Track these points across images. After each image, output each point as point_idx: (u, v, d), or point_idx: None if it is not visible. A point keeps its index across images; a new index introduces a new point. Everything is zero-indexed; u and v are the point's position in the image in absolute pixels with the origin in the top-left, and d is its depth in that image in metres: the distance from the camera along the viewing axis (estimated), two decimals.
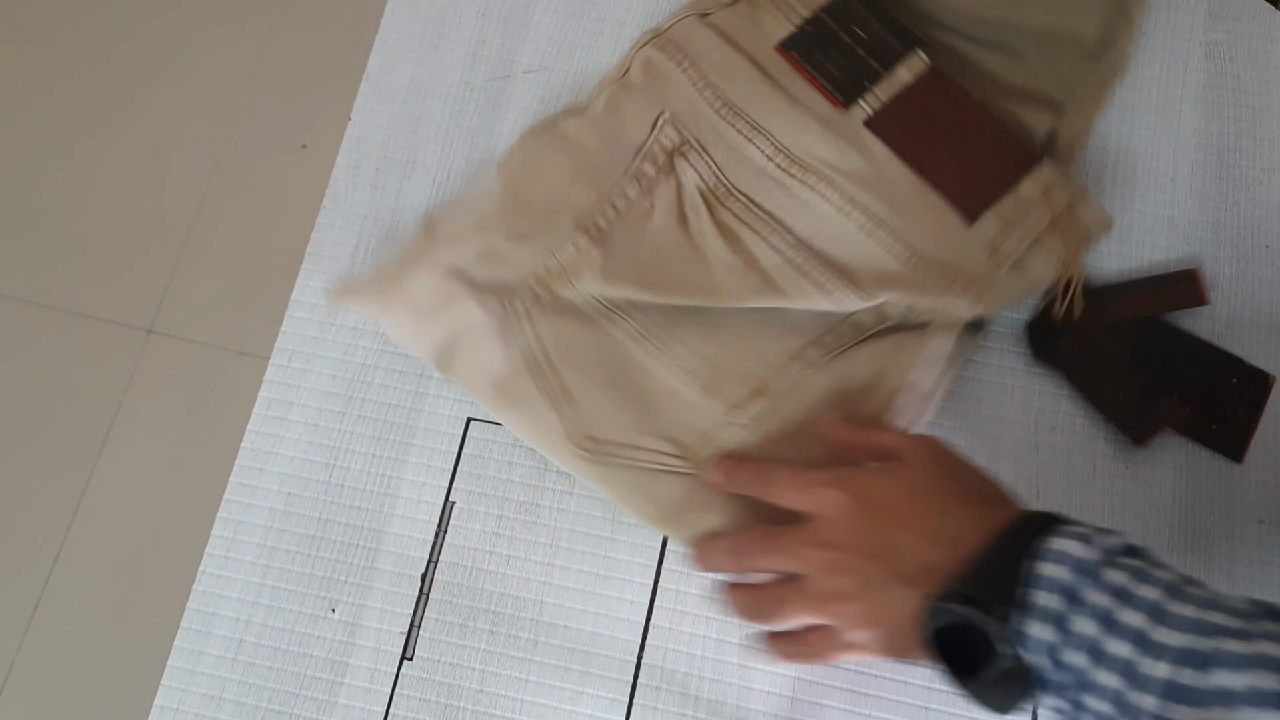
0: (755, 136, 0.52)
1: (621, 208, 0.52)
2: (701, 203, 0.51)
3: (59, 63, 1.35)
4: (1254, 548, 0.49)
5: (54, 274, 1.26)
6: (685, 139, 0.52)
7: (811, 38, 0.53)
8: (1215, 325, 0.52)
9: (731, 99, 0.53)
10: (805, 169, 0.51)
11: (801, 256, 0.50)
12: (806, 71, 0.52)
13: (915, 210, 0.50)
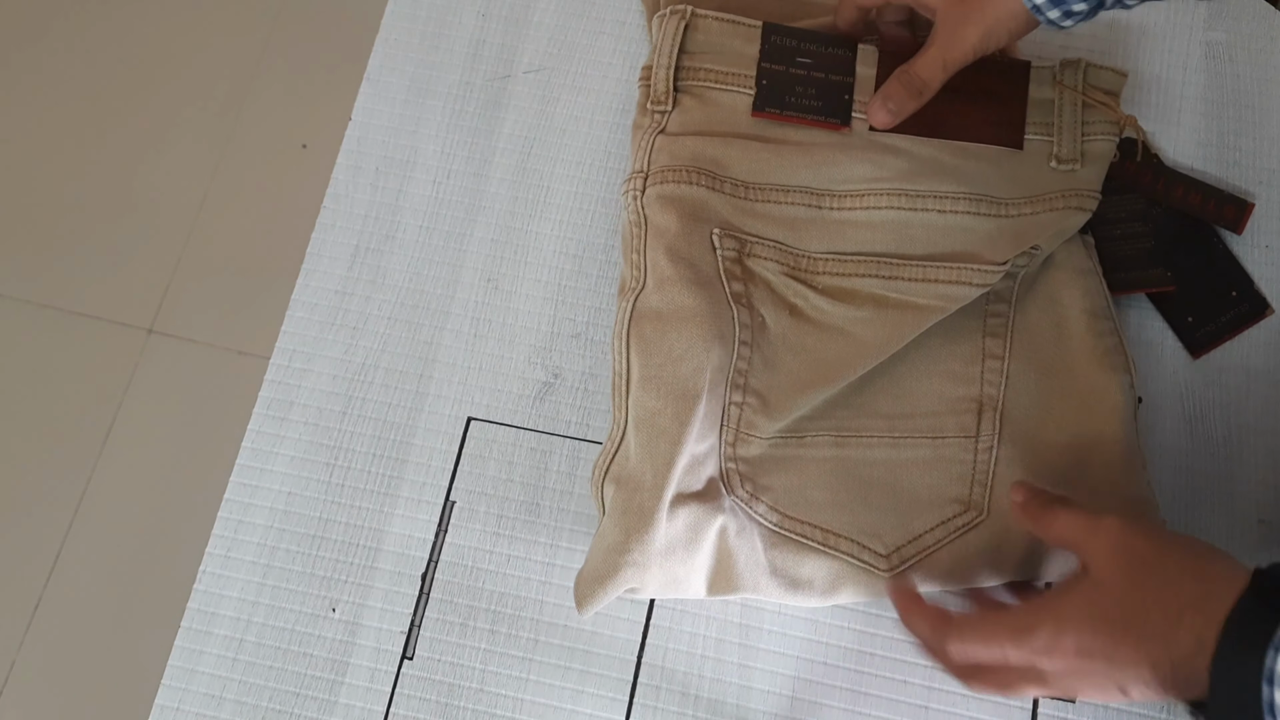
0: (794, 196, 0.51)
1: (746, 339, 0.49)
2: (798, 284, 0.50)
3: (59, 62, 1.35)
4: (1254, 547, 0.49)
5: (54, 274, 1.26)
6: (742, 240, 0.50)
7: (772, 89, 0.52)
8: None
9: (750, 180, 0.51)
10: (857, 196, 0.51)
11: (916, 270, 0.49)
12: (792, 118, 0.52)
13: (971, 169, 0.51)
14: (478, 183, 0.57)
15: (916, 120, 0.51)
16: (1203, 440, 0.51)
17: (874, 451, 0.48)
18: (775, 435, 0.48)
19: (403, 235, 0.56)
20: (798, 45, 0.52)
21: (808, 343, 0.49)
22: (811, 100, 0.52)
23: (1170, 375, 0.52)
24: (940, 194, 0.50)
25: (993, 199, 0.50)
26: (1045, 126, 0.52)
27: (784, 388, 0.48)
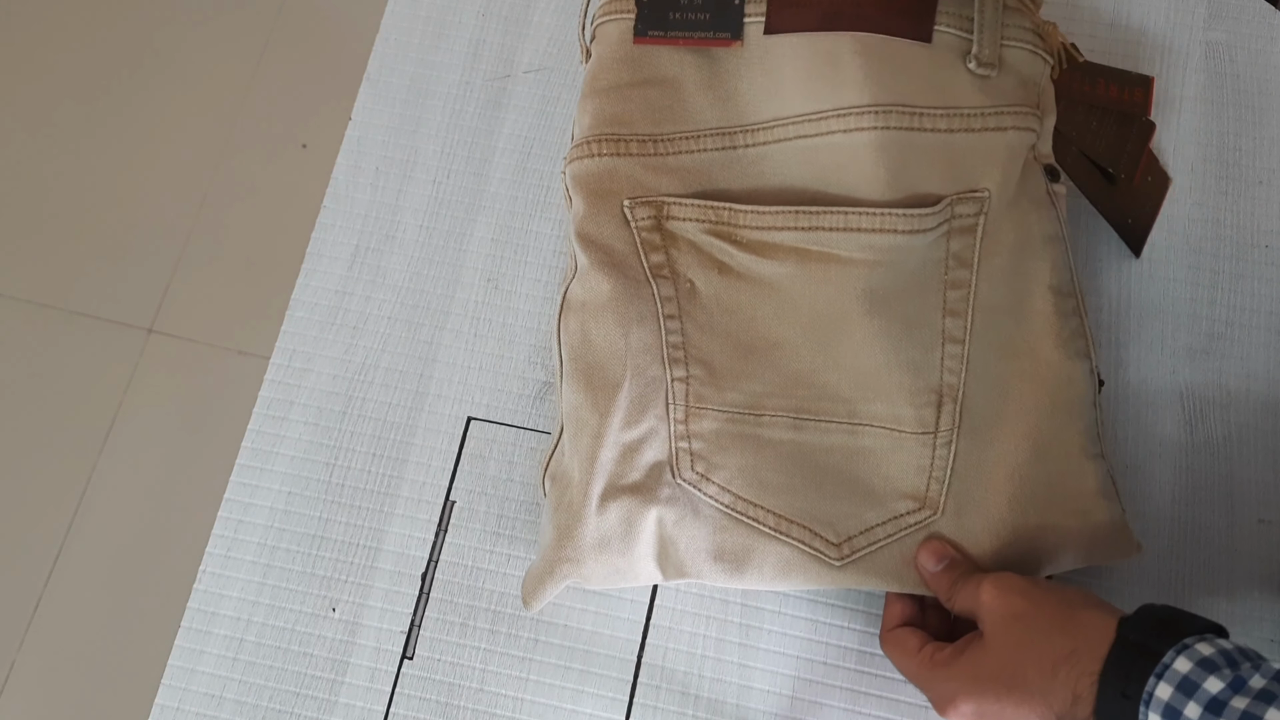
0: (705, 141, 0.48)
1: (672, 312, 0.47)
2: (720, 241, 0.47)
3: (59, 62, 1.35)
4: (1254, 547, 0.49)
5: (54, 273, 1.26)
6: (658, 203, 0.47)
7: (652, 7, 0.48)
8: (1214, 325, 0.53)
9: (657, 132, 0.48)
10: (766, 129, 0.47)
11: (836, 219, 0.45)
12: (678, 39, 0.47)
13: (874, 69, 0.45)
14: (478, 183, 0.57)
15: (809, 11, 0.46)
16: (1203, 440, 0.51)
17: (832, 437, 0.46)
18: (732, 409, 0.46)
19: (403, 235, 0.56)
20: None
21: (741, 300, 0.47)
22: (698, 13, 0.47)
23: (1170, 375, 0.52)
24: (843, 109, 0.45)
25: (905, 108, 0.45)
26: (960, 20, 0.46)
27: (726, 352, 0.47)
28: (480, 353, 0.54)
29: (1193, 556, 0.49)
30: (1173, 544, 0.49)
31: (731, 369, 0.47)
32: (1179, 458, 0.51)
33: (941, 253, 0.46)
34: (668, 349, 0.46)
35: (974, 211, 0.46)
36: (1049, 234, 0.47)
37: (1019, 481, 0.45)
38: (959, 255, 0.46)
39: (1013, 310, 0.46)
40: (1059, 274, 0.47)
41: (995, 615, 0.41)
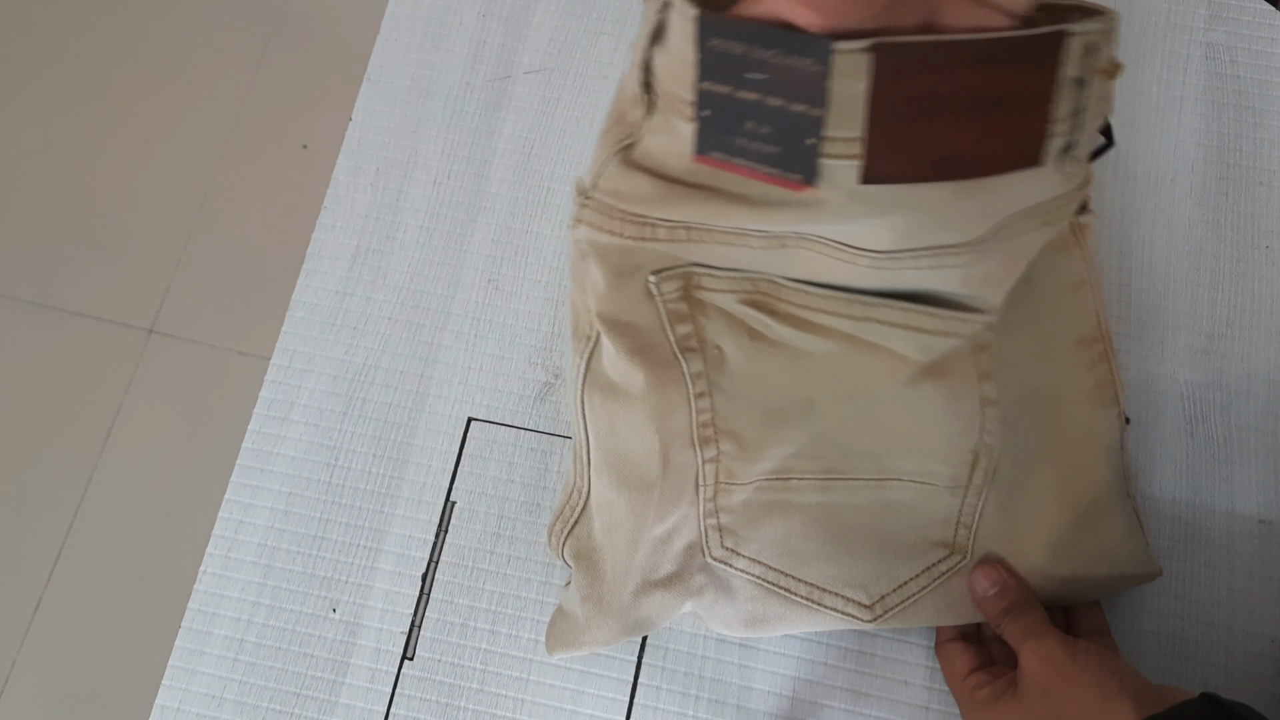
0: (750, 240, 0.41)
1: (702, 389, 0.43)
2: (757, 311, 0.42)
3: (59, 61, 1.35)
4: (1255, 546, 0.49)
5: (54, 274, 1.26)
6: (685, 275, 0.43)
7: (717, 122, 0.37)
8: (1215, 325, 0.53)
9: (693, 222, 0.41)
10: (823, 243, 0.40)
11: (896, 314, 0.41)
12: (742, 169, 0.38)
13: (979, 208, 0.38)
14: (478, 183, 0.57)
15: (920, 156, 0.36)
16: (1203, 441, 0.51)
17: (860, 495, 0.44)
18: (760, 478, 0.44)
19: (403, 236, 0.56)
20: (745, 52, 0.34)
21: (771, 364, 0.43)
22: (765, 143, 0.36)
23: (1170, 376, 0.52)
24: (938, 248, 0.39)
25: (984, 225, 0.39)
26: (1065, 121, 0.37)
27: (755, 421, 0.43)
28: (481, 353, 0.54)
29: (1193, 557, 0.49)
30: (1173, 545, 0.49)
31: (760, 438, 0.44)
32: (1179, 458, 0.51)
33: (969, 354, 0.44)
34: (698, 429, 0.43)
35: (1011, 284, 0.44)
36: (1074, 280, 0.45)
37: (1046, 530, 0.45)
38: (986, 349, 0.44)
39: (1037, 361, 0.45)
40: (1084, 322, 0.45)
41: (1029, 681, 0.41)
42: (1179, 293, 0.53)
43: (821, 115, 0.34)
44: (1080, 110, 0.37)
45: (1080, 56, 0.35)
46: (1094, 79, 0.36)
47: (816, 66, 0.33)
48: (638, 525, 0.44)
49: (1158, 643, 0.48)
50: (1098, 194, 0.55)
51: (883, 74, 0.33)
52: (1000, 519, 0.45)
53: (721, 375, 0.44)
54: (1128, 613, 0.48)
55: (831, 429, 0.44)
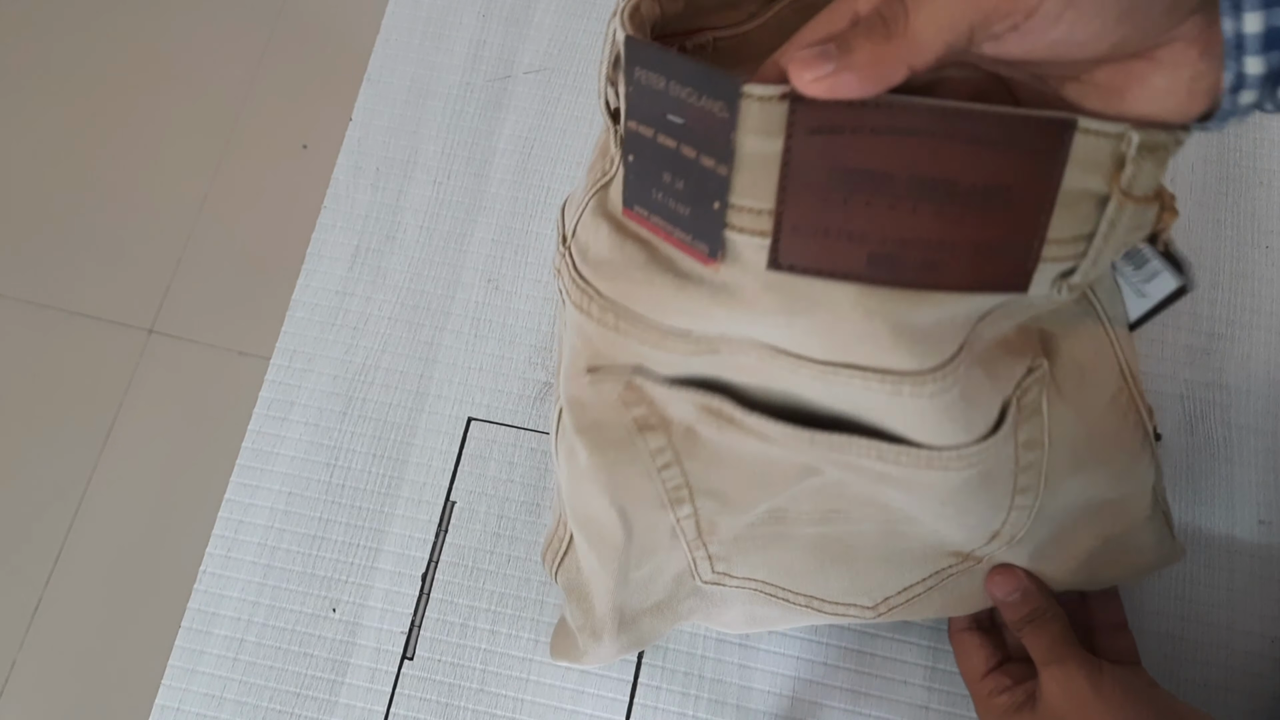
0: (699, 345, 0.33)
1: (668, 460, 0.37)
2: (717, 419, 0.35)
3: (58, 61, 1.35)
4: (1255, 548, 0.49)
5: (54, 274, 1.26)
6: (628, 385, 0.36)
7: (639, 170, 0.29)
8: (1215, 325, 0.53)
9: (653, 319, 0.32)
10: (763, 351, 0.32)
11: (875, 451, 0.33)
12: (658, 230, 0.30)
13: (915, 324, 0.29)
14: (478, 183, 0.57)
15: (848, 247, 0.27)
16: (1203, 441, 0.51)
17: (865, 524, 0.40)
18: (751, 523, 0.40)
19: (403, 236, 0.56)
20: (666, 88, 0.27)
21: (749, 449, 0.36)
22: (679, 201, 0.29)
23: (1170, 375, 0.52)
24: (883, 371, 0.30)
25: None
26: (1072, 244, 0.28)
27: (740, 482, 0.37)
28: (480, 353, 0.54)
29: (1193, 557, 0.49)
30: None
31: (748, 496, 0.38)
32: (1179, 458, 0.51)
33: (1010, 448, 0.35)
34: (668, 493, 0.38)
35: (1037, 392, 0.36)
36: (1097, 353, 0.38)
37: (1075, 557, 0.43)
38: (1029, 442, 0.36)
39: (1077, 435, 0.38)
40: (1112, 384, 0.39)
41: (1049, 707, 0.40)
42: None
43: (728, 175, 0.27)
44: (1093, 235, 0.28)
45: (1104, 165, 0.26)
46: (1124, 204, 0.27)
47: (724, 113, 0.26)
48: (616, 577, 0.41)
49: (1158, 643, 0.48)
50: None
51: (802, 131, 0.25)
52: (1027, 547, 0.42)
53: (694, 447, 0.37)
54: (1128, 613, 0.48)
55: (835, 484, 0.38)
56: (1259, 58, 0.23)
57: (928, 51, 0.24)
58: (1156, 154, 0.26)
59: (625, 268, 0.31)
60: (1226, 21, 0.23)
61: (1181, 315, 0.53)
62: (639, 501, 0.38)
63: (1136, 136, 0.25)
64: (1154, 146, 0.26)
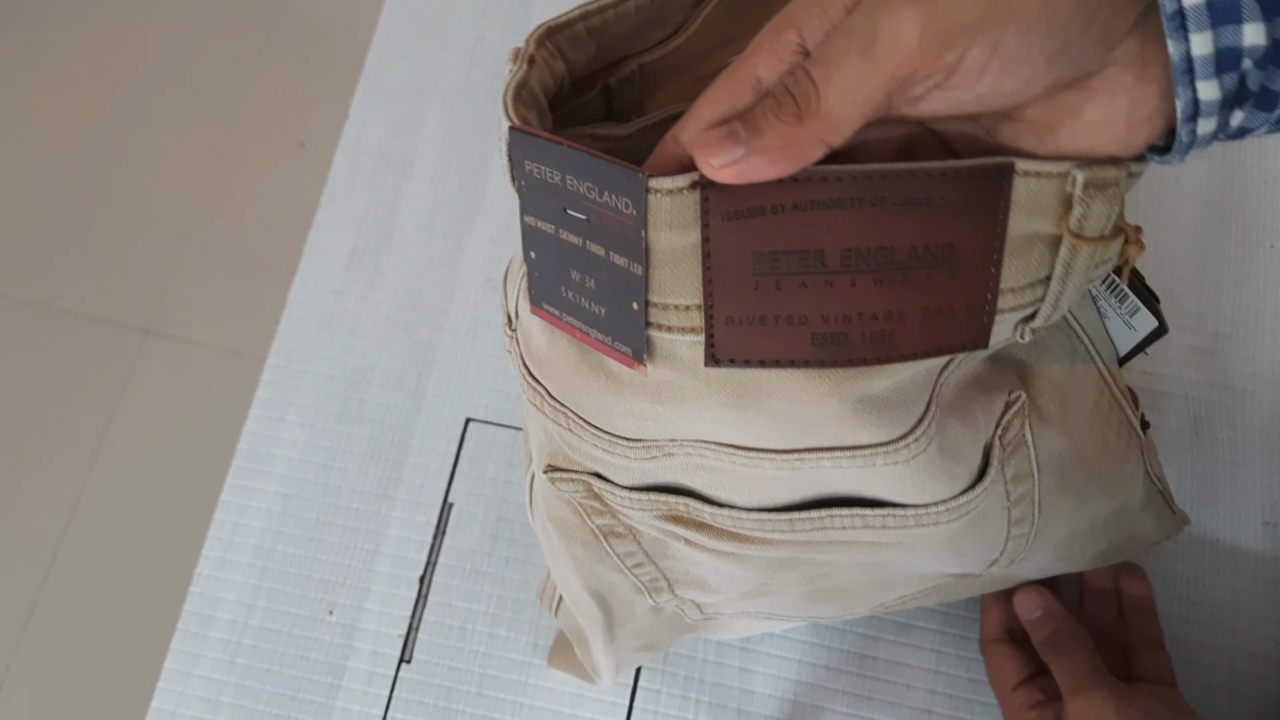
0: (639, 451, 0.30)
1: (641, 561, 0.36)
2: (682, 528, 0.33)
3: (53, 59, 1.35)
4: (1258, 549, 0.49)
5: (49, 273, 1.25)
6: (587, 488, 0.33)
7: (544, 268, 0.28)
8: (1220, 325, 0.52)
9: (586, 418, 0.30)
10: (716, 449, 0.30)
11: (860, 519, 0.31)
12: (574, 330, 0.28)
13: (877, 410, 0.28)
14: (477, 182, 0.57)
15: (783, 333, 0.25)
16: (1208, 442, 0.51)
17: (858, 576, 0.38)
18: None
19: (401, 235, 0.56)
20: (562, 182, 0.26)
21: (724, 562, 0.34)
22: (592, 301, 0.27)
23: (1175, 376, 0.52)
24: (853, 448, 0.28)
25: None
26: (1029, 291, 0.26)
27: (719, 577, 0.36)
28: (479, 354, 0.53)
29: (1198, 559, 0.49)
30: (1177, 546, 0.49)
31: (729, 587, 0.37)
32: (1184, 459, 0.50)
33: (1000, 488, 0.34)
34: (644, 585, 0.37)
35: (1019, 426, 0.34)
36: (1077, 352, 0.37)
37: (1072, 559, 0.43)
38: (1018, 476, 0.35)
39: (1064, 455, 0.37)
40: (1096, 390, 0.38)
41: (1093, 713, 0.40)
42: (1184, 292, 0.53)
43: (644, 274, 0.25)
44: (1050, 279, 0.26)
45: (1051, 207, 0.25)
46: (1077, 245, 0.25)
47: (630, 210, 0.24)
48: (603, 641, 0.40)
49: None
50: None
51: (719, 218, 0.24)
52: (1028, 567, 0.41)
53: (667, 549, 0.35)
54: None
55: (822, 562, 0.36)
56: (1212, 82, 0.21)
57: (844, 127, 0.22)
58: (1106, 191, 0.24)
59: (562, 368, 0.29)
60: (1173, 45, 0.21)
61: (1186, 316, 0.52)
62: (614, 589, 0.37)
63: (1081, 175, 0.24)
64: (1102, 184, 0.24)
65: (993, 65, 0.21)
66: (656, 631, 0.42)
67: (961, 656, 0.47)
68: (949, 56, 0.21)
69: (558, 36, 0.27)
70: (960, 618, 0.48)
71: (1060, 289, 0.26)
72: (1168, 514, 0.43)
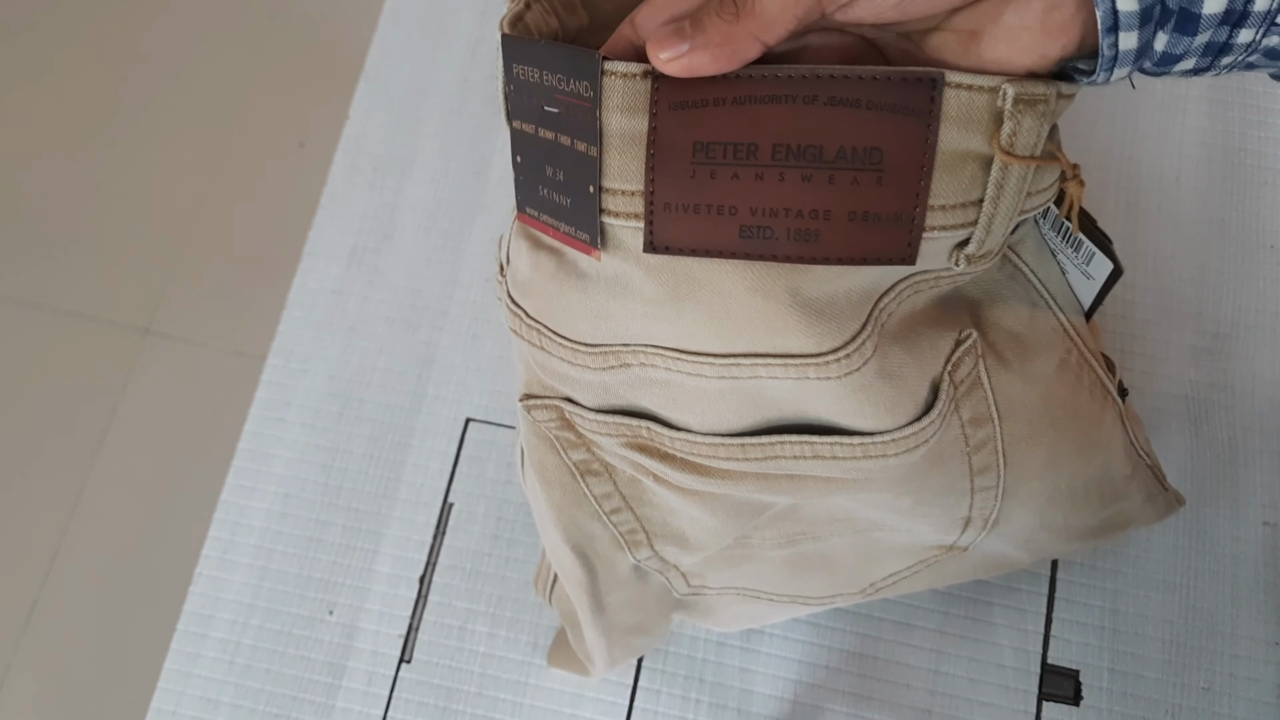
0: (603, 359, 0.32)
1: (619, 505, 0.37)
2: (646, 458, 0.34)
3: (52, 59, 1.35)
4: (1259, 549, 0.49)
5: (49, 273, 1.25)
6: (555, 408, 0.35)
7: (527, 170, 0.29)
8: (1220, 325, 0.52)
9: (560, 332, 0.32)
10: (664, 353, 0.31)
11: (809, 448, 0.32)
12: (548, 227, 0.30)
13: (807, 316, 0.28)
14: (477, 182, 0.57)
15: (719, 224, 0.26)
16: (1207, 443, 0.51)
17: (836, 539, 0.38)
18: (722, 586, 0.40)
19: (401, 235, 0.56)
20: (540, 79, 0.27)
21: (693, 504, 0.35)
22: (559, 193, 0.28)
23: (1174, 376, 0.52)
24: (784, 356, 0.29)
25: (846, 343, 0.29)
26: (960, 211, 0.27)
27: (695, 529, 0.36)
28: (479, 354, 0.53)
29: (1197, 560, 0.49)
30: (1177, 547, 0.49)
31: (706, 540, 0.37)
32: (1183, 460, 0.50)
33: (956, 430, 0.34)
34: (623, 537, 0.37)
35: (970, 365, 0.34)
36: (1036, 303, 0.37)
37: (1058, 532, 0.42)
38: (975, 419, 0.35)
39: (1030, 404, 0.37)
40: (1062, 347, 0.37)
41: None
42: (1184, 292, 0.53)
43: (598, 157, 0.26)
44: (982, 200, 0.27)
45: (982, 122, 0.25)
46: (1009, 162, 0.26)
47: (588, 93, 0.26)
48: (591, 610, 0.41)
49: (1161, 648, 0.47)
50: (1102, 193, 0.54)
51: (666, 107, 0.25)
52: (1012, 536, 0.41)
53: (643, 492, 0.36)
54: (1132, 616, 0.48)
55: (790, 509, 0.37)
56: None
57: (777, 26, 0.24)
58: (1036, 107, 0.25)
59: (540, 282, 0.31)
60: None
61: (1186, 315, 0.52)
62: (595, 541, 0.38)
63: (1011, 89, 0.24)
64: (1032, 100, 0.25)
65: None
66: (644, 606, 0.42)
67: (960, 656, 0.47)
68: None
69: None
70: (960, 618, 0.48)
71: (993, 211, 0.27)
72: (1159, 490, 0.43)
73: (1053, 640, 0.47)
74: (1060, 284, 0.37)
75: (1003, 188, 0.27)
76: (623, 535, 0.37)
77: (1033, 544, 0.42)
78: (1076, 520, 0.41)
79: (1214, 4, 0.22)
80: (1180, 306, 0.53)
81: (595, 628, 0.42)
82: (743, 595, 0.42)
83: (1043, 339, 0.36)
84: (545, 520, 0.39)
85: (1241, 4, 0.22)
